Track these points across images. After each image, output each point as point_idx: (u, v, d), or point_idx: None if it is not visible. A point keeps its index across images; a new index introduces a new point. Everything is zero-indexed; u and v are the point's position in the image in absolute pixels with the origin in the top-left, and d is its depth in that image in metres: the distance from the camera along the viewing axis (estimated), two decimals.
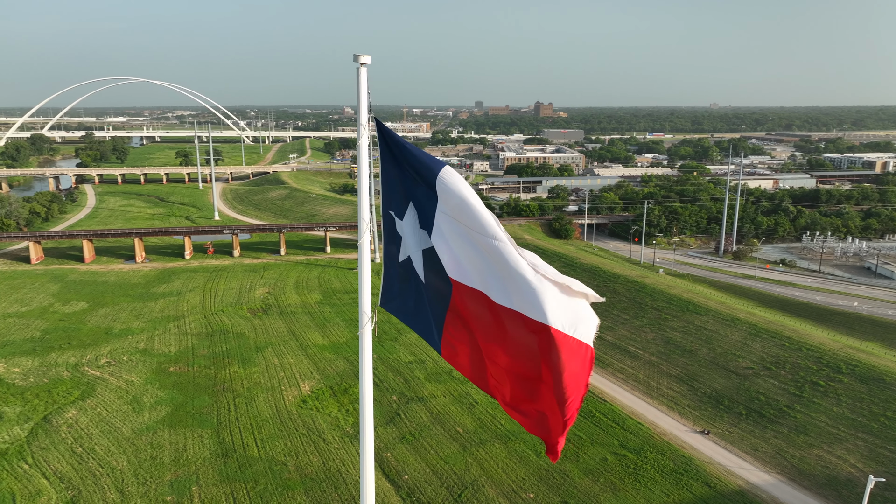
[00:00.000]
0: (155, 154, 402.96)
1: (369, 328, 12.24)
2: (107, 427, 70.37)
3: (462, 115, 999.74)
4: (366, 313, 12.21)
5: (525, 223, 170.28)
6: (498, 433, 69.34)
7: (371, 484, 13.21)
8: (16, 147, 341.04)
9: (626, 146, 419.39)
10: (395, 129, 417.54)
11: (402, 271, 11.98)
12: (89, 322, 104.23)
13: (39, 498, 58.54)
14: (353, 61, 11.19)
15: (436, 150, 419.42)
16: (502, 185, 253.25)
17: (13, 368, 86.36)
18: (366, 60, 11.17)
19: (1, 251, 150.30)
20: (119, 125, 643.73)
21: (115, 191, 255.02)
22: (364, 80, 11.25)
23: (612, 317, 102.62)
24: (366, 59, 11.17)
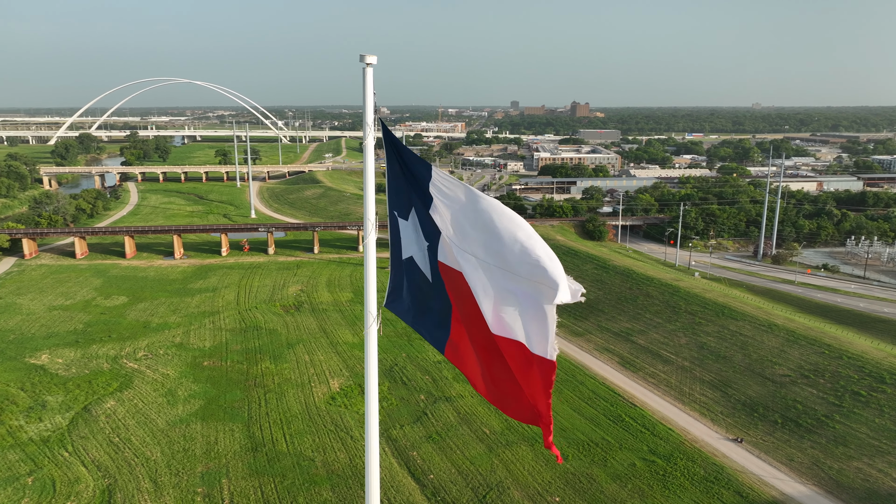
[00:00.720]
0: (195, 153, 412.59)
1: (375, 328, 12.30)
2: (142, 418, 72.37)
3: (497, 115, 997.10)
4: (371, 313, 12.28)
5: (558, 224, 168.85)
6: (525, 435, 68.90)
7: (376, 483, 13.26)
8: (65, 146, 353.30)
9: (663, 147, 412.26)
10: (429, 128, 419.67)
11: (407, 271, 12.03)
12: (129, 316, 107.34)
13: (78, 485, 60.54)
14: (359, 61, 11.26)
15: (470, 149, 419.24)
16: (536, 185, 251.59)
17: (57, 359, 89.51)
18: (371, 61, 11.22)
19: (49, 246, 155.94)
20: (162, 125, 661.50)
21: (157, 188, 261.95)
22: (370, 80, 11.30)
23: (645, 320, 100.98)
24: (371, 60, 11.22)
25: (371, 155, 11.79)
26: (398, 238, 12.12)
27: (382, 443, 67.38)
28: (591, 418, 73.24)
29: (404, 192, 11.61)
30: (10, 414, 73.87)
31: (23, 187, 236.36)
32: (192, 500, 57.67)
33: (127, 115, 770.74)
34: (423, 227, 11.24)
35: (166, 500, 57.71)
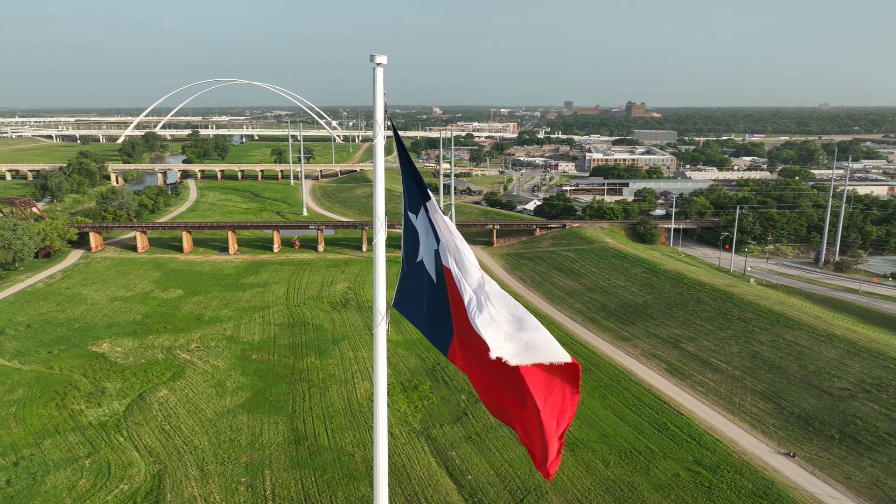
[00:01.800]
0: (252, 152, 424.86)
1: (383, 327, 12.34)
2: (192, 408, 74.94)
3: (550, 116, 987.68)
4: (380, 312, 12.32)
5: (608, 226, 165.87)
6: (566, 439, 67.89)
7: (384, 482, 13.28)
8: (132, 144, 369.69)
9: (721, 148, 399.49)
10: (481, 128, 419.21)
11: (416, 272, 12.05)
12: (184, 308, 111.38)
13: (131, 469, 63.18)
14: (369, 61, 11.30)
15: (521, 150, 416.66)
16: (587, 186, 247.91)
17: (116, 348, 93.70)
18: (381, 60, 11.26)
19: (113, 240, 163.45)
20: (222, 124, 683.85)
21: (215, 186, 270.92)
22: (380, 80, 11.34)
23: (695, 327, 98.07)
24: (381, 60, 11.26)
25: (381, 154, 11.84)
26: (409, 238, 12.17)
27: (422, 441, 67.73)
28: (635, 425, 71.58)
29: (416, 193, 11.67)
30: (72, 398, 77.75)
31: (92, 183, 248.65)
32: (235, 489, 59.37)
33: (190, 114, 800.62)
34: (432, 228, 11.31)
35: (211, 489, 59.58)
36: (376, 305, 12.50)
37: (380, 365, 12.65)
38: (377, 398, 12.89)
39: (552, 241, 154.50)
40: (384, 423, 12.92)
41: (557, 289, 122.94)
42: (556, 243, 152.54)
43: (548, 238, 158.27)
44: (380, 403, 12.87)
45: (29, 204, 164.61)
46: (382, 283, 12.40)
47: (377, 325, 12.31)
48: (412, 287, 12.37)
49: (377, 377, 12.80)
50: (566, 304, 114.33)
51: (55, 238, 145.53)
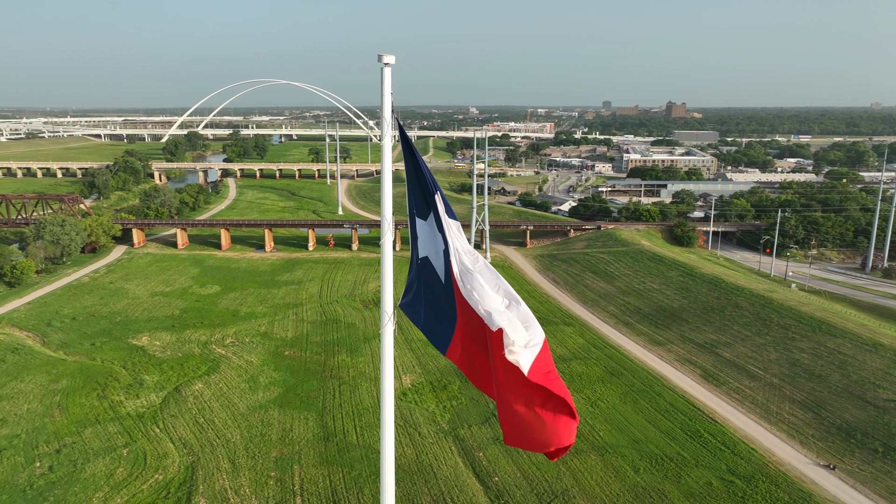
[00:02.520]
0: (291, 151, 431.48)
1: (390, 327, 12.35)
2: (226, 402, 76.51)
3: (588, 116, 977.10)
4: (387, 312, 12.33)
5: (644, 228, 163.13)
6: (595, 444, 67.11)
7: (391, 482, 13.28)
8: (174, 143, 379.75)
9: (765, 149, 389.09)
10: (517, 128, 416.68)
11: (422, 271, 12.03)
12: (220, 304, 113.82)
13: (166, 459, 64.85)
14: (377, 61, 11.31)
15: (557, 150, 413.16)
16: (623, 188, 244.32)
17: (155, 342, 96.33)
18: (389, 60, 11.25)
19: (155, 236, 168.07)
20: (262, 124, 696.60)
21: (253, 184, 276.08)
22: (388, 79, 11.34)
23: (732, 332, 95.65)
24: (389, 59, 11.25)
25: (388, 154, 11.83)
26: (416, 238, 12.16)
27: (449, 441, 67.73)
28: (667, 431, 70.22)
29: (421, 193, 11.66)
30: (112, 390, 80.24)
31: (136, 181, 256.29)
32: (265, 483, 60.36)
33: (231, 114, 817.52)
34: (440, 229, 11.31)
35: (242, 482, 60.71)
36: (383, 306, 12.53)
37: (386, 365, 12.66)
38: (384, 399, 12.90)
39: (586, 243, 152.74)
40: (391, 424, 12.92)
41: (591, 291, 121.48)
42: (590, 245, 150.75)
43: (582, 239, 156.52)
44: (386, 404, 12.88)
45: (77, 201, 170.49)
46: (390, 284, 12.41)
47: (384, 325, 12.32)
48: (416, 287, 12.37)
49: (384, 378, 12.81)
50: (599, 307, 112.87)
51: (100, 234, 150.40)
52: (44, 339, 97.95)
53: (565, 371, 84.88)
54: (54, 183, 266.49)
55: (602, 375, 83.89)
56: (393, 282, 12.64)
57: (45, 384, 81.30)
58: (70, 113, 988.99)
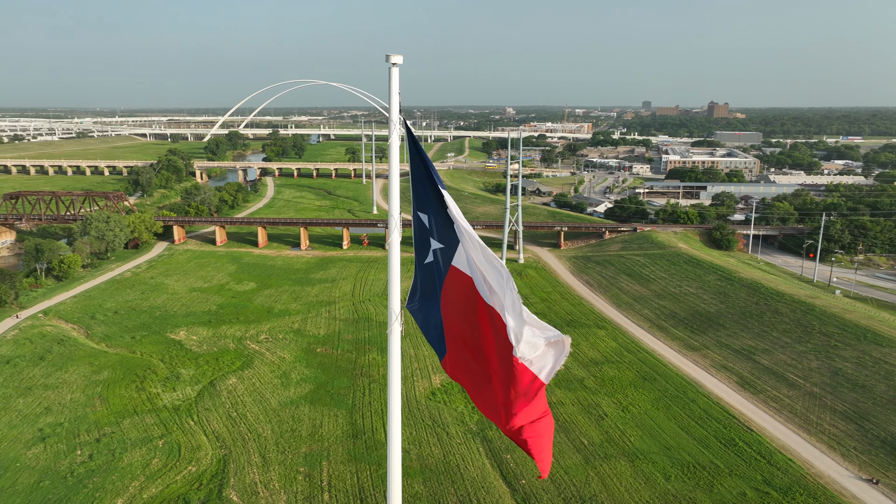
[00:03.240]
0: (328, 151, 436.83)
1: (397, 327, 12.33)
2: (258, 397, 77.87)
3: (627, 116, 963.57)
4: (394, 312, 12.32)
5: (681, 231, 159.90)
6: (625, 450, 66.04)
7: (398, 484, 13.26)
8: (216, 143, 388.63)
9: (810, 151, 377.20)
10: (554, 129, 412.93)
11: (427, 272, 11.99)
12: (255, 301, 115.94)
13: (199, 452, 66.35)
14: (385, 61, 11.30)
15: (594, 151, 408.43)
16: (661, 189, 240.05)
17: (192, 336, 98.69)
18: (397, 60, 11.23)
19: (194, 233, 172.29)
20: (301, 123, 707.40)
21: (291, 183, 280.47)
22: (396, 79, 11.32)
23: (771, 339, 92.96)
24: (397, 59, 11.23)
25: (396, 154, 11.82)
26: (422, 239, 12.11)
27: (477, 442, 67.53)
28: (700, 439, 68.64)
29: (429, 193, 11.62)
30: (150, 382, 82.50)
31: (179, 179, 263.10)
32: (294, 478, 61.19)
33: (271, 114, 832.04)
34: (438, 228, 11.23)
35: (272, 476, 61.68)
36: (390, 305, 12.52)
37: (393, 365, 12.64)
38: (391, 400, 12.88)
39: (622, 245, 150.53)
40: (397, 425, 12.89)
41: (625, 294, 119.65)
42: (625, 247, 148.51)
43: (617, 241, 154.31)
44: (393, 405, 12.86)
45: (121, 198, 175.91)
46: (397, 283, 12.39)
47: (391, 325, 12.30)
48: (422, 288, 12.33)
49: (391, 378, 12.79)
50: (633, 310, 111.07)
51: (143, 230, 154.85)
52: (87, 331, 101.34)
53: (597, 375, 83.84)
54: (101, 181, 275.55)
55: (634, 380, 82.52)
56: (400, 281, 12.61)
57: (88, 375, 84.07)
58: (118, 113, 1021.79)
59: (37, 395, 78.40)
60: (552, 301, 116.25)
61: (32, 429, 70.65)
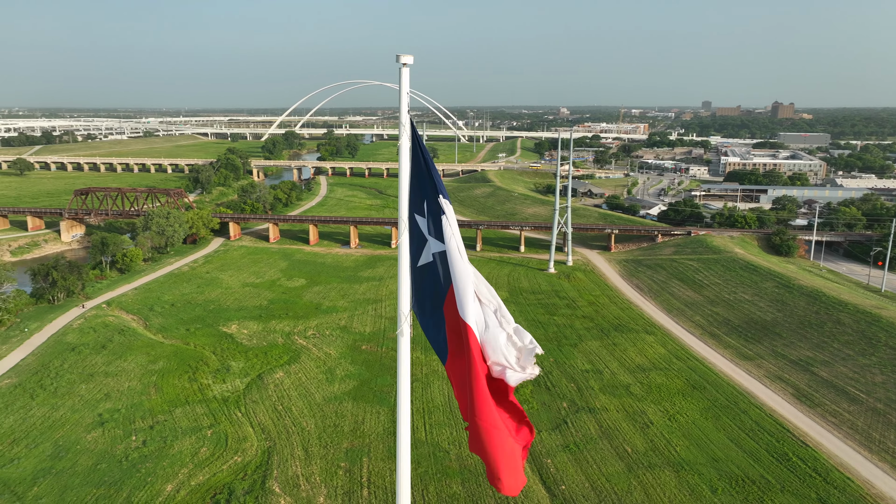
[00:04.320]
0: (381, 150, 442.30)
1: (407, 328, 12.26)
2: (303, 391, 79.45)
3: (685, 116, 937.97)
4: (403, 314, 12.25)
5: (738, 235, 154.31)
6: (671, 460, 64.21)
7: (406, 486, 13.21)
8: (273, 142, 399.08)
9: (883, 153, 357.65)
10: (609, 129, 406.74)
11: (422, 275, 11.90)
12: (304, 297, 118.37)
13: (245, 442, 68.22)
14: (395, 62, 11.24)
15: (650, 152, 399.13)
16: (719, 192, 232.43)
17: (243, 330, 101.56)
18: (407, 60, 11.16)
19: (249, 230, 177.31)
20: (355, 123, 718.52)
21: (343, 182, 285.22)
22: (406, 80, 11.25)
23: (831, 350, 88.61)
24: (407, 59, 11.16)
25: (406, 155, 11.73)
26: (416, 241, 11.99)
27: None
28: (751, 452, 66.05)
29: (427, 195, 11.52)
30: (202, 373, 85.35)
31: (236, 177, 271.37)
32: (334, 472, 62.13)
33: (327, 114, 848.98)
34: (436, 230, 11.14)
35: (313, 469, 62.81)
36: (400, 307, 12.45)
37: (402, 367, 12.57)
38: (400, 401, 12.83)
39: (674, 249, 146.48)
40: (406, 425, 12.83)
41: (676, 299, 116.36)
42: (678, 251, 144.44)
43: (670, 245, 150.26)
44: (402, 405, 12.80)
45: (181, 195, 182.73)
46: (407, 285, 12.31)
47: (400, 326, 12.24)
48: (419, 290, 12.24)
49: (400, 380, 12.74)
50: (684, 317, 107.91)
51: (200, 226, 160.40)
52: (146, 322, 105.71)
53: (644, 381, 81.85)
54: (164, 178, 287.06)
55: (683, 388, 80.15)
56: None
57: (145, 364, 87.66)
58: (182, 113, 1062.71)
59: (98, 382, 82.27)
60: (600, 305, 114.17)
61: (93, 414, 74.18)
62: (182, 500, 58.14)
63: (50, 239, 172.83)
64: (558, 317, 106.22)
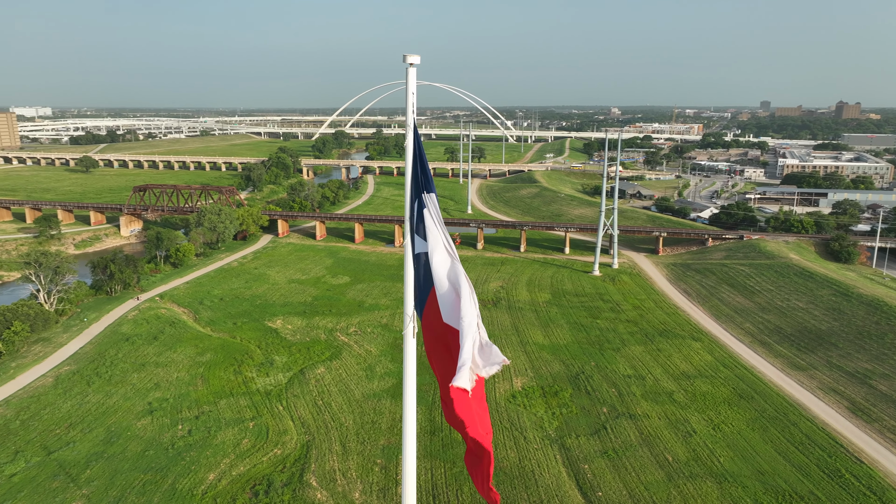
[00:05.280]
0: (429, 150, 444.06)
1: (412, 327, 12.26)
2: (343, 387, 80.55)
3: (742, 117, 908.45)
4: (408, 313, 12.26)
5: (793, 241, 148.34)
6: (713, 470, 62.27)
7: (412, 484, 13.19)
8: (323, 141, 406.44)
9: None
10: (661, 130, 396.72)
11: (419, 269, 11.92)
12: (348, 294, 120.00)
13: (285, 435, 69.63)
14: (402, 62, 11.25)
15: (703, 153, 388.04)
16: (775, 195, 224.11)
17: (287, 325, 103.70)
18: (414, 60, 11.16)
19: (297, 227, 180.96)
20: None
21: (390, 182, 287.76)
22: (413, 80, 11.24)
23: (892, 363, 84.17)
24: (414, 59, 11.16)
25: (411, 152, 11.73)
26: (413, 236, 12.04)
27: (555, 449, 66.18)
28: (800, 466, 63.41)
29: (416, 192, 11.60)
30: (247, 366, 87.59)
31: (287, 176, 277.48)
32: (370, 468, 62.75)
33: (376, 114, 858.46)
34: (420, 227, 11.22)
35: (350, 465, 63.60)
36: (405, 306, 12.46)
37: (408, 366, 12.58)
38: (405, 400, 12.83)
39: (725, 254, 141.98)
40: (412, 430, 12.82)
41: (725, 305, 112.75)
42: (729, 256, 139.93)
43: (721, 249, 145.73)
44: (408, 405, 12.80)
45: (233, 192, 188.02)
46: (412, 284, 12.30)
47: (406, 325, 12.25)
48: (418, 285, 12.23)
49: (406, 378, 12.74)
50: (733, 323, 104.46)
51: (250, 223, 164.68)
52: (196, 315, 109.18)
53: (688, 389, 79.65)
54: (218, 176, 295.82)
55: (729, 397, 77.60)
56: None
57: (193, 356, 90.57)
58: (237, 112, 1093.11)
59: (149, 372, 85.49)
60: (645, 309, 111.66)
61: (143, 402, 77.11)
62: (223, 490, 59.79)
63: (110, 233, 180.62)
64: (601, 320, 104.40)
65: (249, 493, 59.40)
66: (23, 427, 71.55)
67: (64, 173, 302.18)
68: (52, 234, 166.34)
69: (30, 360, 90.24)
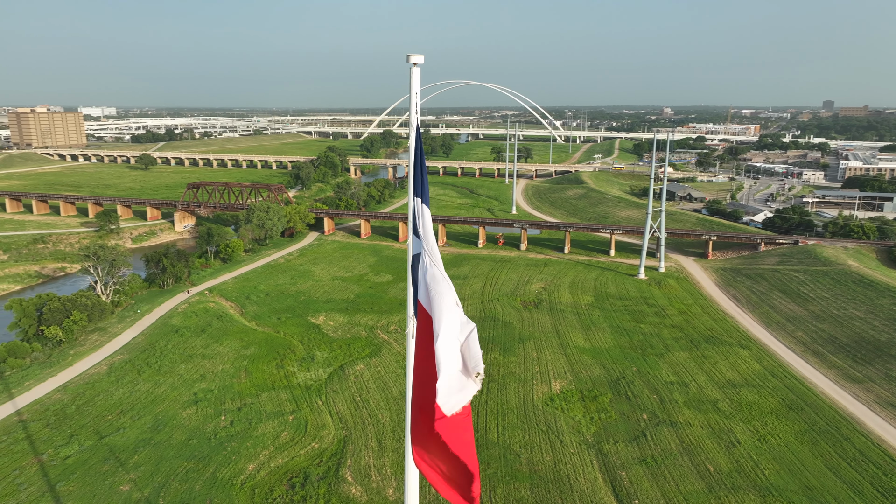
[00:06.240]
0: (475, 150, 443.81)
1: (413, 327, 12.27)
2: (381, 384, 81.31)
3: (802, 117, 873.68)
4: (410, 314, 12.26)
5: (853, 247, 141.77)
6: (757, 483, 60.14)
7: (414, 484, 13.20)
8: (371, 140, 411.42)
9: None
10: (715, 130, 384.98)
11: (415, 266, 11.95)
12: (389, 293, 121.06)
13: (323, 430, 70.80)
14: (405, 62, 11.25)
15: (759, 155, 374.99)
16: (835, 199, 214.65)
17: (329, 322, 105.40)
18: (417, 60, 11.15)
19: (342, 225, 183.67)
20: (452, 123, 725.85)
21: (435, 181, 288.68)
22: (416, 79, 11.24)
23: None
24: (417, 59, 11.15)
25: (414, 154, 11.72)
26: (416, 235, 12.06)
27: (591, 454, 65.16)
28: (852, 484, 60.57)
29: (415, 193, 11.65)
30: (289, 361, 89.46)
31: (334, 175, 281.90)
32: (403, 467, 63.04)
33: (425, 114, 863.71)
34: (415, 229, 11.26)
35: (385, 461, 64.19)
36: (409, 305, 12.47)
37: (410, 365, 12.56)
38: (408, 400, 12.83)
39: (778, 259, 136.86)
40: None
41: (776, 312, 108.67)
42: (782, 261, 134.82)
43: (774, 255, 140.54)
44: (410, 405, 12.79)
45: (282, 190, 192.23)
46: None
47: (409, 326, 12.26)
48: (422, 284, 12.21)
49: (408, 378, 12.73)
50: (785, 332, 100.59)
51: (297, 221, 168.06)
52: (242, 309, 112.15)
53: (733, 397, 77.14)
54: (269, 174, 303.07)
55: (777, 408, 74.78)
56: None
57: (238, 349, 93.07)
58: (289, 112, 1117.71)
59: (196, 363, 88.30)
60: (691, 314, 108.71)
61: (189, 392, 79.71)
62: (261, 480, 61.24)
63: (165, 228, 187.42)
64: (645, 325, 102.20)
65: (286, 485, 60.66)
66: (78, 412, 74.98)
67: (125, 170, 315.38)
68: (111, 228, 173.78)
69: (87, 348, 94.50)
